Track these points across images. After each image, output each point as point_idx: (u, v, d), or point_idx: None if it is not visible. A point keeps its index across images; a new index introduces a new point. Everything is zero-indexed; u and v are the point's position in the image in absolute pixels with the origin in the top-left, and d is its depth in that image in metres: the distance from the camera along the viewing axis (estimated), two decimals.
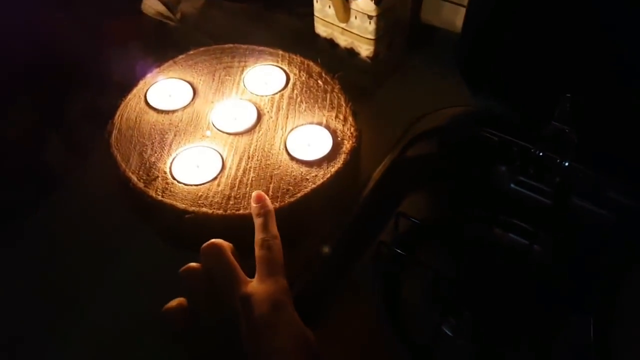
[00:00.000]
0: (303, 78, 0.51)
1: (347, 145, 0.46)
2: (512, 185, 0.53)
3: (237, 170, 0.45)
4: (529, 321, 0.46)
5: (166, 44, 0.67)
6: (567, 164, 0.49)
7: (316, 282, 0.46)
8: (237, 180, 0.44)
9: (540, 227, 0.49)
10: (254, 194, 0.42)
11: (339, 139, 0.46)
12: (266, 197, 0.42)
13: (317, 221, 0.46)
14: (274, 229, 0.40)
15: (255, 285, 0.36)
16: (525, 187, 0.52)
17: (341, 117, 0.48)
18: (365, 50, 0.56)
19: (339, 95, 0.49)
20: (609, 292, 0.46)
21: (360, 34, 0.56)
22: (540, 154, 0.50)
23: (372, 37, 0.55)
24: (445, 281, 0.46)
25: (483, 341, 0.44)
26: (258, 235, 0.39)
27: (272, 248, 0.38)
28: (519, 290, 0.47)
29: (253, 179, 0.44)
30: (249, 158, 0.46)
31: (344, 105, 0.49)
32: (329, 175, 0.44)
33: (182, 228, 0.43)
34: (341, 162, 0.45)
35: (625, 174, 0.50)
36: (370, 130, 0.55)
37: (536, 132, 0.50)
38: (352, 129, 0.47)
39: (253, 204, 0.41)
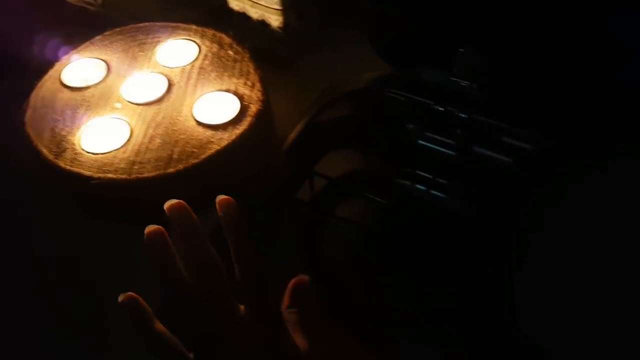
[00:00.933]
0: (214, 49, 0.53)
1: (253, 109, 0.47)
2: (421, 142, 0.56)
3: (144, 137, 0.46)
4: (444, 271, 0.49)
5: (88, 29, 0.68)
6: (466, 116, 0.53)
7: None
8: (143, 146, 0.45)
9: (450, 178, 0.52)
10: (217, 199, 0.35)
11: (246, 103, 0.48)
12: (232, 201, 0.35)
13: (229, 184, 0.48)
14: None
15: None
16: (433, 142, 0.55)
17: (249, 83, 0.49)
18: (275, 21, 0.58)
19: (249, 63, 0.51)
20: (516, 236, 0.50)
21: (268, 5, 0.57)
22: (442, 109, 0.54)
23: (279, 8, 0.57)
24: (363, 235, 0.49)
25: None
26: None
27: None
28: (433, 239, 0.50)
29: (159, 144, 0.45)
30: (156, 126, 0.47)
31: (252, 72, 0.50)
32: (234, 137, 0.45)
33: (91, 195, 0.45)
34: (247, 125, 0.46)
35: (523, 120, 0.53)
36: (288, 98, 0.58)
37: (438, 88, 0.53)
38: (259, 93, 0.48)
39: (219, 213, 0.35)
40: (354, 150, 0.55)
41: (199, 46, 0.53)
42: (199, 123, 0.47)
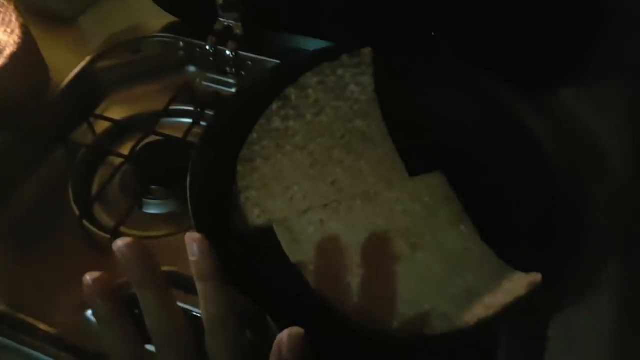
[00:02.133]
0: None
1: (7, 52, 0.49)
2: (204, 83, 0.60)
3: None
4: None
5: None
6: (234, 53, 0.58)
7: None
8: None
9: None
10: (186, 237, 0.29)
11: (1, 47, 0.49)
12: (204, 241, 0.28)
13: None
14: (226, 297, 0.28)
15: None
16: (214, 82, 0.59)
17: (9, 30, 0.51)
18: None
19: (12, 14, 0.52)
20: None
21: None
22: (213, 49, 0.58)
23: None
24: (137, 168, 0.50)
25: None
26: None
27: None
28: None
29: None
30: None
31: (14, 20, 0.52)
32: None
33: None
34: None
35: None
36: (69, 51, 0.59)
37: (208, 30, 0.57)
38: (17, 37, 0.50)
39: (190, 257, 0.28)
40: (135, 94, 0.58)
41: None
42: None
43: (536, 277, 0.36)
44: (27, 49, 0.51)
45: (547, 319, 0.40)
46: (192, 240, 0.28)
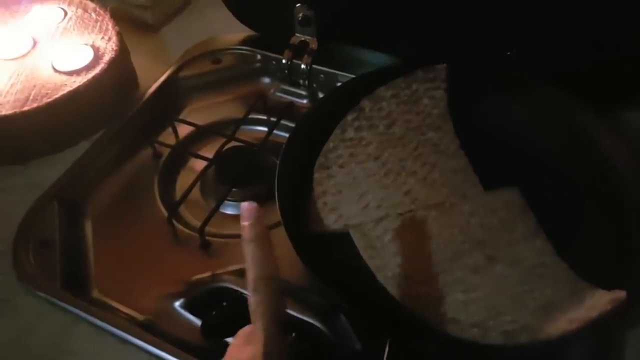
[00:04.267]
0: (79, 13, 0.59)
1: (106, 57, 0.53)
2: (277, 94, 0.63)
3: (5, 85, 0.51)
4: None
5: None
6: (308, 67, 0.60)
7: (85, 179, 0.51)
8: (5, 91, 0.50)
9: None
10: (243, 205, 0.33)
11: (101, 53, 0.54)
12: (260, 210, 0.32)
13: (87, 126, 0.53)
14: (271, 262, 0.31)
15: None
16: (287, 93, 0.62)
17: (106, 38, 0.55)
18: None
19: (108, 22, 0.57)
20: None
21: None
22: (289, 62, 0.61)
23: None
24: (220, 170, 0.53)
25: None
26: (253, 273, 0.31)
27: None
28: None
29: (18, 90, 0.50)
30: (18, 75, 0.52)
31: (110, 29, 0.56)
32: (85, 80, 0.51)
33: None
34: (99, 70, 0.52)
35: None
36: (153, 59, 0.63)
37: (286, 44, 0.60)
38: (114, 45, 0.54)
39: (243, 222, 0.32)
40: (217, 101, 0.61)
41: (65, 11, 0.59)
42: (56, 70, 0.52)
43: (620, 294, 0.37)
44: (122, 55, 0.55)
45: (623, 334, 0.40)
46: (248, 208, 0.32)
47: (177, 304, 0.44)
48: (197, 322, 0.43)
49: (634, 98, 0.53)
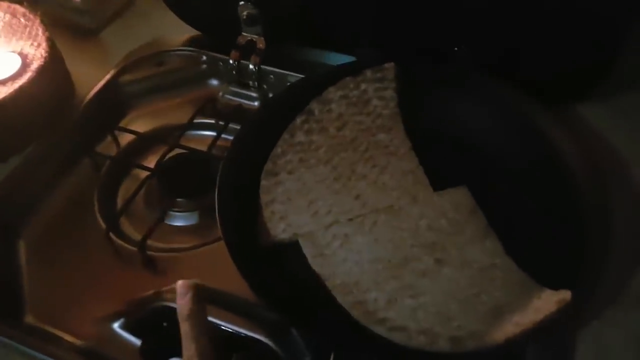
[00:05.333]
0: (7, 19, 0.54)
1: (35, 65, 0.49)
2: (226, 96, 0.60)
3: None
4: None
5: None
6: (257, 67, 0.58)
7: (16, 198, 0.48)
8: None
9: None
10: (177, 283, 0.35)
11: (29, 60, 0.50)
12: (192, 286, 0.35)
13: (17, 140, 0.50)
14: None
15: None
16: (236, 95, 0.59)
17: (35, 44, 0.52)
18: None
19: (38, 27, 0.53)
20: None
21: None
22: (237, 63, 0.59)
23: None
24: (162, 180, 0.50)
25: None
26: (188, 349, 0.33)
27: None
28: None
29: None
30: None
31: (40, 35, 0.53)
32: (12, 90, 0.47)
33: None
34: (27, 79, 0.48)
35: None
36: (92, 64, 0.59)
37: (233, 44, 0.58)
38: (44, 51, 0.51)
39: (180, 299, 0.34)
40: (158, 108, 0.58)
41: None
42: None
43: (566, 294, 0.36)
44: (53, 62, 0.52)
45: (574, 334, 0.40)
46: (180, 285, 0.35)
47: (116, 325, 0.42)
48: (139, 343, 0.41)
49: (584, 91, 0.54)
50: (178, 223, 0.49)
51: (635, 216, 0.45)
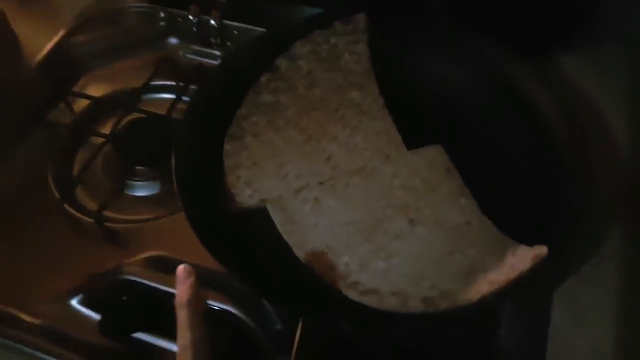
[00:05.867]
0: None
1: None
2: (187, 55, 0.57)
3: None
4: None
5: None
6: (218, 23, 0.54)
7: None
8: None
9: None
10: (178, 268, 0.33)
11: None
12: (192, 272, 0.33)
13: None
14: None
15: None
16: (197, 54, 0.55)
17: None
18: None
19: None
20: None
21: None
22: (196, 19, 0.55)
23: None
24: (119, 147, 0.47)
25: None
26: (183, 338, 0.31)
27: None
28: None
29: None
30: None
31: None
32: None
33: None
34: None
35: None
36: (41, 23, 0.54)
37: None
38: None
39: (179, 285, 0.32)
40: (114, 70, 0.54)
41: None
42: None
43: (541, 249, 0.35)
44: None
45: (550, 293, 0.39)
46: (180, 270, 0.32)
47: (74, 301, 0.39)
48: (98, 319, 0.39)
49: (562, 42, 0.52)
50: (139, 193, 0.46)
51: (612, 170, 0.44)
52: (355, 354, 0.37)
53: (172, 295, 0.37)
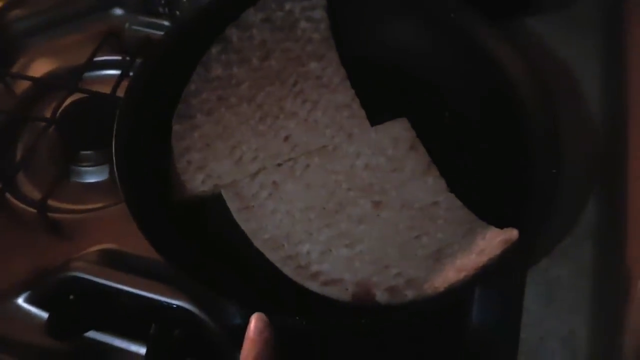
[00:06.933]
0: None
1: None
2: (133, 27, 0.51)
3: None
4: None
5: None
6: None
7: None
8: None
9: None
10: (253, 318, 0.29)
11: None
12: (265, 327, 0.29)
13: None
14: None
15: None
16: (144, 26, 0.51)
17: None
18: None
19: None
20: None
21: None
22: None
23: None
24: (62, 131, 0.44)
25: None
26: None
27: None
28: None
29: None
30: None
31: None
32: None
33: None
34: None
35: None
36: None
37: None
38: None
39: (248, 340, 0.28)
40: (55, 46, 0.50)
41: None
42: None
43: (512, 233, 0.33)
44: None
45: (524, 271, 0.37)
46: (253, 322, 0.28)
47: (20, 299, 0.36)
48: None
49: (532, 3, 0.48)
50: (85, 180, 0.43)
51: (585, 143, 0.42)
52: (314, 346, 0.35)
53: (124, 292, 0.35)
